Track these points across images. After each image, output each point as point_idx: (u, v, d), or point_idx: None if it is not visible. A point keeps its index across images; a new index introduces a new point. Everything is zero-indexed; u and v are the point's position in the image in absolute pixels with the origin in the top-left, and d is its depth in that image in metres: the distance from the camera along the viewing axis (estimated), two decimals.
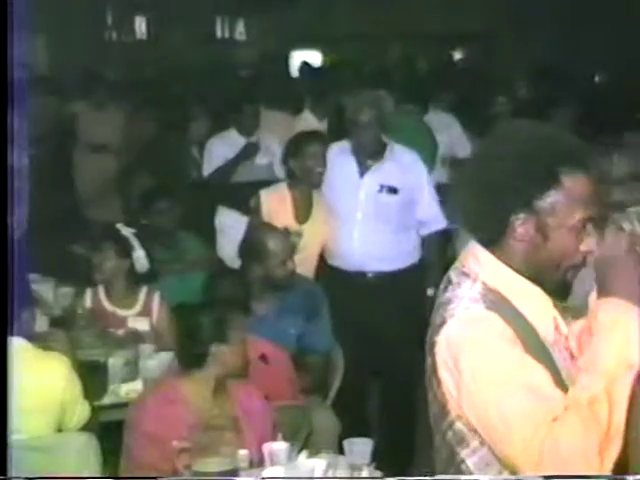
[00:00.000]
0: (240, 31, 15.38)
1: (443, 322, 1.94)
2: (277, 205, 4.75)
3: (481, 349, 1.87)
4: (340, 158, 4.75)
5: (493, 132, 2.08)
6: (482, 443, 1.92)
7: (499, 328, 1.89)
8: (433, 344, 1.95)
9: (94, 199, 7.44)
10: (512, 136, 2.00)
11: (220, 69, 10.88)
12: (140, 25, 13.37)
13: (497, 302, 1.93)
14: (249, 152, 5.88)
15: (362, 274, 4.68)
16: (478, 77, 9.87)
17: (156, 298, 4.58)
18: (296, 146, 4.80)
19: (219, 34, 15.14)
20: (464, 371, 1.88)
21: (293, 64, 13.03)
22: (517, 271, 1.96)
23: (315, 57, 13.64)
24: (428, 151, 5.94)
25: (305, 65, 9.76)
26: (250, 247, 4.32)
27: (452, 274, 2.01)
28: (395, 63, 11.03)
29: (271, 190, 4.86)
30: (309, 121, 6.70)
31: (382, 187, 4.67)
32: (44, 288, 4.83)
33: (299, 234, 4.49)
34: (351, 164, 4.73)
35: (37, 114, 7.89)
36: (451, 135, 6.76)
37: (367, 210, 4.67)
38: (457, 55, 14.76)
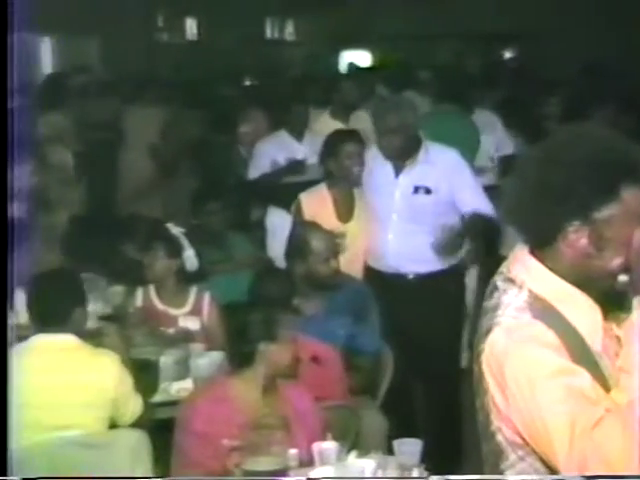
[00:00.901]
0: (289, 31, 15.40)
1: (489, 330, 1.92)
2: (318, 206, 4.74)
3: (526, 357, 1.86)
4: (377, 159, 4.72)
5: (557, 135, 2.05)
6: (521, 458, 1.91)
7: (545, 337, 1.87)
8: (479, 352, 1.94)
9: (143, 199, 7.50)
10: (577, 141, 1.96)
11: (269, 70, 10.91)
12: (191, 27, 13.45)
13: (543, 310, 1.91)
14: (293, 168, 5.83)
15: (402, 276, 4.65)
16: (527, 76, 9.77)
17: (206, 297, 4.60)
18: (332, 145, 4.78)
19: (268, 35, 15.18)
20: (509, 379, 1.86)
21: (342, 64, 13.03)
22: (563, 277, 1.94)
23: (364, 57, 13.61)
24: (470, 151, 5.88)
25: (354, 65, 9.76)
26: (294, 246, 4.33)
27: (498, 280, 1.99)
28: (443, 63, 10.98)
29: (311, 192, 4.86)
30: (362, 120, 6.66)
31: (416, 188, 4.62)
32: (96, 287, 4.89)
33: (342, 235, 4.48)
34: (386, 165, 4.69)
35: (88, 114, 7.99)
36: (496, 135, 6.69)
37: (402, 211, 4.63)
38: (506, 54, 14.65)
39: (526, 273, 1.95)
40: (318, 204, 4.76)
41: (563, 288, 1.94)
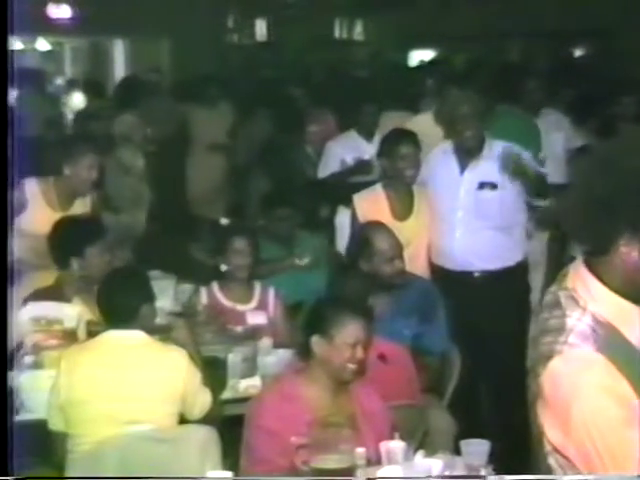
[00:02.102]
0: (358, 31, 15.38)
1: (550, 355, 1.90)
2: (371, 206, 4.72)
3: (596, 409, 1.84)
4: (442, 158, 4.69)
5: (618, 140, 2.01)
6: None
7: (606, 376, 1.85)
8: (537, 374, 1.92)
9: (212, 199, 7.55)
10: (629, 151, 1.93)
11: (338, 70, 10.91)
12: (260, 27, 13.53)
13: (607, 339, 1.88)
14: (362, 168, 5.79)
15: (468, 273, 4.60)
16: (597, 75, 9.62)
17: (271, 293, 4.61)
18: (388, 146, 4.76)
19: (337, 35, 15.19)
20: (577, 423, 1.85)
21: (411, 64, 12.97)
22: (619, 291, 1.90)
23: (433, 56, 13.53)
24: (531, 149, 5.80)
25: (423, 64, 9.70)
26: (357, 246, 4.31)
27: (561, 295, 1.95)
28: (511, 61, 10.85)
29: (365, 192, 4.85)
30: (426, 123, 6.60)
31: (482, 184, 4.58)
32: (165, 285, 4.93)
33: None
34: (452, 162, 4.66)
35: (159, 115, 8.07)
36: (564, 135, 6.58)
37: (467, 208, 4.59)
38: (576, 52, 14.43)
39: (588, 293, 1.92)
40: (372, 204, 4.74)
41: (623, 307, 1.91)
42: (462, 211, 4.59)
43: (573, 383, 1.86)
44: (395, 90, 7.32)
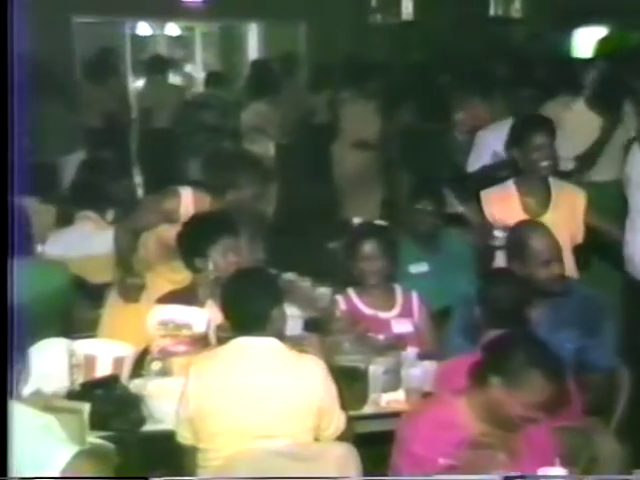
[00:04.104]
0: (515, 8, 15.12)
1: None
2: (501, 203, 4.65)
3: None
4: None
5: None
6: None
7: None
8: None
9: (352, 195, 7.58)
10: None
11: (492, 51, 10.78)
12: (407, 6, 13.48)
13: None
14: (502, 167, 5.73)
15: None
16: None
17: (414, 298, 4.60)
18: (520, 134, 4.65)
19: (492, 12, 14.97)
20: None
21: (575, 44, 12.69)
22: None
23: (599, 34, 13.18)
24: None
25: (590, 45, 9.48)
26: (509, 246, 4.23)
27: None
28: None
29: (494, 189, 4.77)
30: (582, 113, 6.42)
31: None
32: (299, 288, 4.98)
33: None
34: None
35: (294, 104, 8.16)
36: None
37: None
38: None
39: None
40: (501, 200, 4.67)
41: None
42: None
43: None
44: (556, 74, 7.18)
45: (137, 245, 4.93)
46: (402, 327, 4.48)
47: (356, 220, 4.92)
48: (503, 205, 4.64)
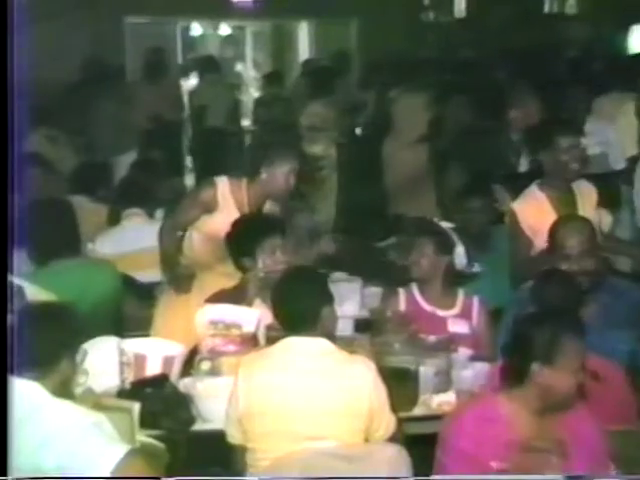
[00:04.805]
0: (571, 4, 14.98)
1: None
2: (535, 212, 4.60)
3: None
4: None
5: None
6: None
7: None
8: None
9: (406, 193, 7.54)
10: None
11: (547, 48, 10.70)
12: (459, 2, 13.42)
13: None
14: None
15: None
16: None
17: (475, 300, 4.58)
18: (547, 135, 4.59)
19: (547, 9, 14.85)
20: None
21: (631, 40, 12.55)
22: None
23: None
24: None
25: None
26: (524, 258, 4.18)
27: None
28: None
29: (523, 198, 4.71)
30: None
31: None
32: (350, 287, 4.98)
33: None
34: None
35: (349, 103, 8.16)
36: None
37: None
38: None
39: None
40: (534, 208, 4.62)
41: None
42: None
43: None
44: (610, 70, 7.10)
45: (182, 243, 4.97)
46: (458, 327, 4.46)
47: (414, 217, 4.87)
48: (536, 213, 4.60)
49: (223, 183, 4.87)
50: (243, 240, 4.43)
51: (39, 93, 6.76)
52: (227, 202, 4.83)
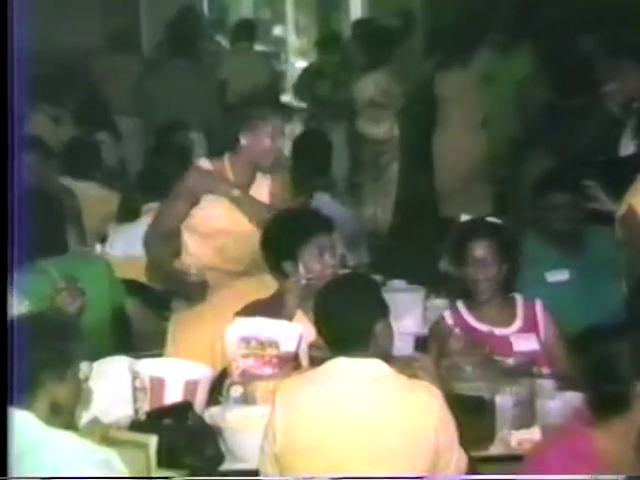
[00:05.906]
0: None
1: None
2: None
3: None
4: None
5: None
6: None
7: None
8: None
9: (462, 190, 7.51)
10: None
11: None
12: None
13: None
14: None
15: None
16: None
17: (538, 307, 4.56)
18: None
19: None
20: None
21: None
22: None
23: None
24: None
25: None
26: None
27: None
28: None
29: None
30: None
31: None
32: (410, 298, 4.93)
33: None
34: None
35: (407, 74, 8.13)
36: None
37: None
38: None
39: None
40: None
41: None
42: None
43: None
44: None
45: (177, 248, 4.97)
46: (525, 344, 4.46)
47: (464, 217, 4.85)
48: None
49: (206, 165, 4.98)
50: (283, 240, 4.41)
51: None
52: (207, 186, 4.89)
